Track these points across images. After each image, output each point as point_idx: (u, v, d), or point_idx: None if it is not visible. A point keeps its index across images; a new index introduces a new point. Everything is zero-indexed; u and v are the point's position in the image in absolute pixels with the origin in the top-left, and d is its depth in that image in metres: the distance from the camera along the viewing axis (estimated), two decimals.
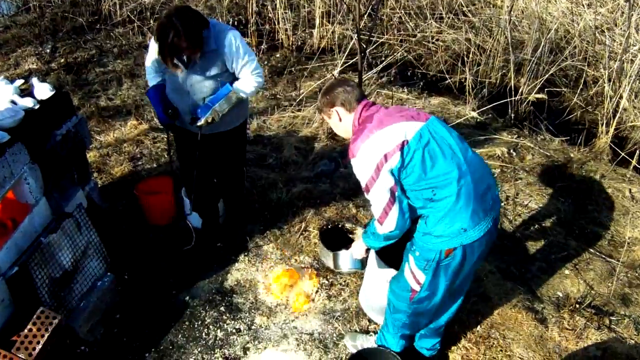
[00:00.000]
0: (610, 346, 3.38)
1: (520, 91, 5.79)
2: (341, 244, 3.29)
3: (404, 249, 2.77)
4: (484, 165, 2.66)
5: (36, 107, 3.22)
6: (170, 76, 3.39)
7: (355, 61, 5.94)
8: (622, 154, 5.05)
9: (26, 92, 3.33)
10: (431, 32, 6.98)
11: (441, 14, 7.17)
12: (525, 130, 5.64)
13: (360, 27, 5.55)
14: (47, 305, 3.00)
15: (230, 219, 4.21)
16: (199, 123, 3.33)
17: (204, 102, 3.33)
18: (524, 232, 4.29)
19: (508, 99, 5.76)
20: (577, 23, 6.55)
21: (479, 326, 3.50)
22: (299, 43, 7.23)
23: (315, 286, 3.72)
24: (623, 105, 5.39)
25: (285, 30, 7.12)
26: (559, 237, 4.25)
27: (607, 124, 5.38)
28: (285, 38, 7.16)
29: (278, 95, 6.17)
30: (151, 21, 7.35)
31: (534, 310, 3.62)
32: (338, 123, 2.74)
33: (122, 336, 3.41)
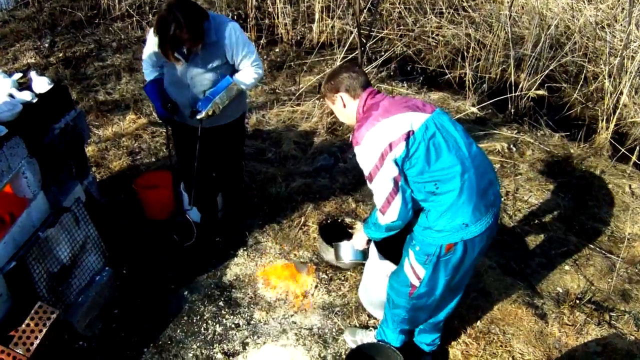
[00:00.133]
0: (611, 342, 3.38)
1: (520, 87, 5.77)
2: (341, 239, 3.27)
3: (403, 243, 2.76)
4: (487, 161, 2.63)
5: (34, 100, 3.19)
6: (169, 69, 3.37)
7: (354, 56, 5.93)
8: (622, 150, 5.06)
9: (24, 85, 3.30)
10: (431, 27, 6.95)
11: (441, 9, 7.14)
12: (525, 126, 5.63)
13: (360, 21, 5.52)
14: (45, 300, 2.98)
15: (229, 213, 4.19)
16: (199, 116, 3.30)
17: (204, 95, 3.31)
18: (524, 227, 4.28)
19: (508, 94, 5.74)
20: (578, 19, 6.54)
21: (479, 321, 3.49)
22: (298, 37, 7.20)
23: (314, 281, 3.71)
24: (623, 101, 5.39)
25: (285, 24, 7.09)
26: (559, 232, 4.24)
27: (607, 120, 5.37)
28: (285, 32, 7.14)
29: (277, 90, 6.14)
30: (150, 15, 7.32)
31: (534, 305, 3.61)
32: (342, 109, 2.69)
33: (120, 331, 3.40)
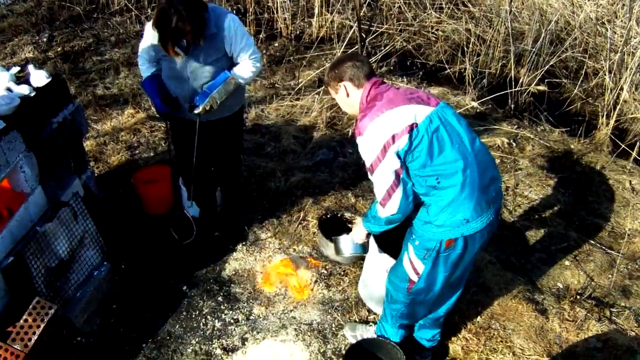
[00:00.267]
0: (611, 337, 3.37)
1: (520, 82, 5.75)
2: (340, 234, 3.26)
3: (403, 238, 2.74)
4: (490, 157, 2.61)
5: (32, 94, 3.17)
6: (168, 64, 3.33)
7: (354, 50, 5.91)
8: (623, 146, 5.04)
9: (22, 79, 3.28)
10: (431, 22, 6.92)
11: (441, 3, 7.11)
12: (525, 121, 5.61)
13: (360, 16, 5.50)
14: (43, 295, 2.97)
15: (228, 208, 4.17)
16: (196, 111, 3.27)
17: (202, 89, 3.28)
18: (524, 222, 4.27)
19: (508, 89, 5.72)
20: (578, 14, 6.51)
21: (479, 317, 3.48)
22: (297, 32, 7.18)
23: (314, 276, 3.70)
24: (623, 97, 5.37)
25: (284, 19, 7.06)
26: (559, 228, 4.23)
27: (608, 116, 5.36)
28: (284, 27, 7.11)
29: (277, 84, 6.12)
30: (149, 10, 7.29)
31: (535, 301, 3.60)
32: (345, 99, 2.66)
33: (119, 326, 3.38)
